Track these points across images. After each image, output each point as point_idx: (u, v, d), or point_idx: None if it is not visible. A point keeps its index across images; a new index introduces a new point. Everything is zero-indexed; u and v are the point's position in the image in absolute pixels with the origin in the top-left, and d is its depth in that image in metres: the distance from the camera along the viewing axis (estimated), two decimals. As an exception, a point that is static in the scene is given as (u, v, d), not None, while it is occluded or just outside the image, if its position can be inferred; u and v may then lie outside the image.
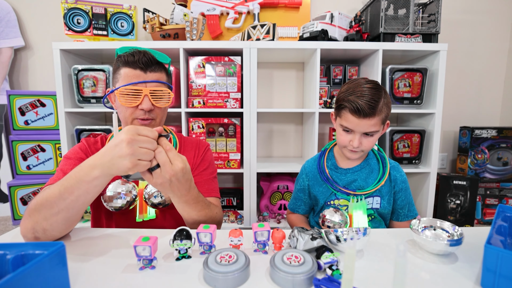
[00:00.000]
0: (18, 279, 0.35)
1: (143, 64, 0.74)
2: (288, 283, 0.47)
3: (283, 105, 1.89)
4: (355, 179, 0.88)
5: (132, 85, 0.73)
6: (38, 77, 1.84)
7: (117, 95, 0.74)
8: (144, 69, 0.75)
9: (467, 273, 0.53)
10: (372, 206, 0.88)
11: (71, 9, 1.48)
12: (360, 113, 0.76)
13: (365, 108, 0.75)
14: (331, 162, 0.93)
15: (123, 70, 0.75)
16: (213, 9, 1.74)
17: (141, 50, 0.76)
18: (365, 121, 0.77)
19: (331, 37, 1.54)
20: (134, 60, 0.74)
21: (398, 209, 0.92)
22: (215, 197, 0.88)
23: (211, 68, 1.49)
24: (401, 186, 0.90)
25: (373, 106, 0.76)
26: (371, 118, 0.77)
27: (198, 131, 1.52)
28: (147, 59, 0.75)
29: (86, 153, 0.81)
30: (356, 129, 0.79)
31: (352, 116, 0.78)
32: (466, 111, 1.94)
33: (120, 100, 0.74)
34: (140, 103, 0.74)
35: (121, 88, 0.73)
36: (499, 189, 1.74)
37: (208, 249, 0.59)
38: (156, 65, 0.77)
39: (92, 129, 1.52)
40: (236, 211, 1.66)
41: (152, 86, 0.76)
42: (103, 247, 0.63)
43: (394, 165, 0.92)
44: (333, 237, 0.60)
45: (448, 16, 1.79)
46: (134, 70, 0.74)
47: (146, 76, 0.75)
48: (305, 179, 0.95)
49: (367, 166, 0.91)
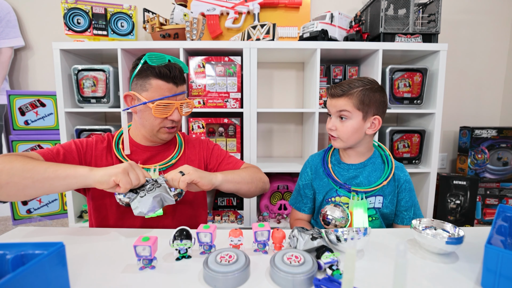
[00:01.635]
0: (18, 279, 0.35)
1: (176, 78, 0.79)
2: (288, 283, 0.47)
3: (283, 105, 1.89)
4: (356, 175, 0.89)
5: (166, 99, 0.78)
6: (38, 77, 1.84)
7: (152, 107, 0.78)
8: (176, 83, 0.79)
9: (467, 273, 0.53)
10: (374, 206, 0.87)
11: (71, 9, 1.48)
12: (333, 94, 0.85)
13: (335, 88, 0.85)
14: (335, 157, 0.94)
15: (155, 82, 0.77)
16: (213, 9, 1.74)
17: (172, 63, 0.80)
18: (335, 101, 0.85)
19: (331, 37, 1.54)
20: (169, 76, 0.77)
21: (403, 211, 0.90)
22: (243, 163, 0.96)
23: (211, 68, 1.49)
24: (404, 186, 0.89)
25: (343, 88, 0.83)
26: (339, 98, 0.84)
27: (198, 131, 1.52)
28: (180, 73, 0.80)
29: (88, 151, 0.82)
30: (331, 110, 0.87)
31: (329, 99, 0.87)
32: (466, 111, 1.94)
33: (155, 113, 0.78)
34: (171, 114, 0.80)
35: (157, 101, 0.77)
36: (499, 189, 1.74)
37: (208, 249, 0.59)
38: (182, 77, 0.82)
39: (92, 129, 1.52)
40: (236, 211, 1.66)
41: (181, 99, 0.82)
42: (103, 247, 0.63)
43: (399, 165, 0.92)
44: (333, 237, 0.60)
45: (448, 16, 1.79)
46: (167, 84, 0.78)
47: (177, 89, 0.80)
48: (309, 172, 0.96)
49: (371, 164, 0.90)
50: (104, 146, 0.84)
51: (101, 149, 0.83)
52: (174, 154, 0.89)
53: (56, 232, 0.72)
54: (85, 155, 0.81)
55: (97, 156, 0.82)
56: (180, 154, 0.90)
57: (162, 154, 0.89)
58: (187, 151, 0.93)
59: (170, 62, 0.80)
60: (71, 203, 1.53)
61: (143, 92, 0.78)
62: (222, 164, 0.94)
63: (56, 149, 0.76)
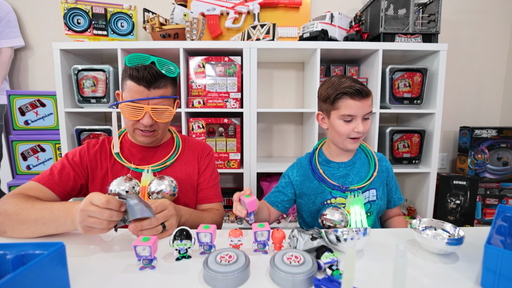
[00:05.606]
0: (18, 279, 0.35)
1: (146, 81, 0.74)
2: (288, 283, 0.47)
3: (283, 105, 1.89)
4: (347, 173, 0.90)
5: (134, 101, 0.75)
6: (38, 77, 1.84)
7: (120, 108, 0.77)
8: (148, 86, 0.75)
9: (467, 273, 0.53)
10: (369, 199, 0.89)
11: (71, 9, 1.48)
12: (361, 94, 0.81)
13: (364, 88, 0.81)
14: (322, 158, 0.95)
15: (129, 83, 0.76)
16: (213, 9, 1.74)
17: (147, 65, 0.75)
18: (365, 102, 0.82)
19: (331, 37, 1.54)
20: (138, 77, 0.74)
21: (393, 195, 0.96)
22: (218, 202, 0.94)
23: (211, 68, 1.49)
24: (391, 173, 0.95)
25: (365, 86, 0.82)
26: (368, 97, 0.83)
27: (198, 131, 1.52)
28: (151, 76, 0.74)
29: (83, 158, 0.83)
30: (358, 113, 0.82)
31: (353, 101, 0.81)
32: (466, 111, 1.93)
33: (123, 113, 0.77)
34: (141, 118, 0.77)
35: (125, 103, 0.75)
36: (499, 189, 1.74)
37: (208, 249, 0.59)
38: (162, 79, 0.77)
39: (92, 129, 1.52)
40: (236, 211, 1.66)
41: (154, 104, 0.77)
42: (103, 247, 0.63)
43: (380, 156, 0.96)
44: (333, 237, 0.60)
45: (448, 16, 1.79)
46: (138, 86, 0.75)
47: (149, 93, 0.76)
48: (296, 174, 0.95)
49: (358, 160, 0.93)
50: (96, 150, 0.85)
51: (93, 153, 0.84)
52: (170, 156, 0.88)
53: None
54: (80, 164, 0.82)
55: (91, 161, 0.84)
56: (176, 157, 0.90)
57: (158, 155, 0.88)
58: (185, 153, 0.92)
59: (149, 64, 0.76)
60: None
61: (123, 92, 0.79)
62: (202, 186, 0.92)
63: (50, 170, 0.78)
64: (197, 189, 0.92)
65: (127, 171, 0.84)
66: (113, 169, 0.84)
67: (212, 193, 0.93)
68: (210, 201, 0.92)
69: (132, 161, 0.85)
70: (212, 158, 0.97)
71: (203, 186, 0.92)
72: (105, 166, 0.84)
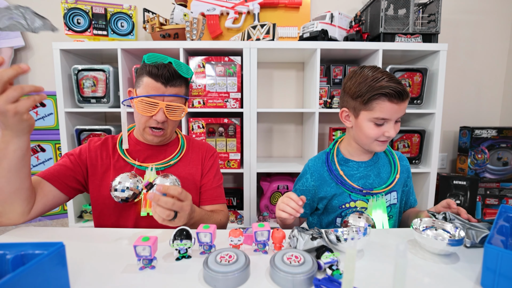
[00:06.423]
0: (18, 279, 0.35)
1: (164, 79, 0.77)
2: (288, 283, 0.47)
3: (283, 105, 1.89)
4: (367, 174, 0.83)
5: (150, 97, 0.77)
6: (38, 77, 1.84)
7: (135, 102, 0.78)
8: (165, 83, 0.78)
9: (468, 273, 0.53)
10: (390, 202, 0.83)
11: (71, 9, 1.48)
12: (401, 96, 0.70)
13: (405, 90, 0.70)
14: (339, 157, 0.87)
15: (146, 79, 0.78)
16: (213, 9, 1.74)
17: (166, 64, 0.79)
18: (403, 105, 0.72)
19: (331, 37, 1.54)
20: (157, 74, 0.77)
21: (409, 196, 0.91)
22: (222, 203, 0.94)
23: (211, 68, 1.49)
24: (410, 174, 0.90)
25: (404, 87, 0.71)
26: (407, 99, 0.72)
27: (198, 131, 1.52)
28: (170, 74, 0.78)
29: (82, 153, 0.84)
30: (393, 116, 0.73)
31: (391, 104, 0.71)
32: (466, 111, 1.93)
33: (138, 108, 0.78)
34: (155, 114, 0.78)
35: (140, 97, 0.77)
36: (499, 189, 1.74)
37: (208, 249, 0.59)
38: (178, 79, 0.80)
39: (92, 129, 1.52)
40: (236, 211, 1.66)
41: (169, 101, 0.80)
42: (103, 247, 0.63)
43: (400, 155, 0.90)
44: (333, 237, 0.60)
45: (448, 16, 1.79)
46: (155, 83, 0.78)
47: (166, 90, 0.79)
48: (310, 179, 0.86)
49: (379, 160, 0.86)
50: (97, 146, 0.86)
51: (94, 149, 0.85)
52: (175, 155, 0.89)
53: (56, 232, 0.73)
54: (79, 158, 0.83)
55: (91, 156, 0.84)
56: (181, 156, 0.90)
57: (163, 154, 0.89)
58: (189, 154, 0.93)
59: (167, 63, 0.79)
60: (71, 203, 1.53)
61: (138, 89, 0.81)
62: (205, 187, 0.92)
63: (52, 166, 0.80)
64: (200, 190, 0.93)
65: (130, 168, 0.84)
66: (116, 166, 0.85)
67: (216, 194, 0.93)
68: (214, 202, 0.92)
69: (136, 158, 0.85)
70: (216, 160, 0.98)
71: (207, 187, 0.92)
72: (106, 162, 0.85)
